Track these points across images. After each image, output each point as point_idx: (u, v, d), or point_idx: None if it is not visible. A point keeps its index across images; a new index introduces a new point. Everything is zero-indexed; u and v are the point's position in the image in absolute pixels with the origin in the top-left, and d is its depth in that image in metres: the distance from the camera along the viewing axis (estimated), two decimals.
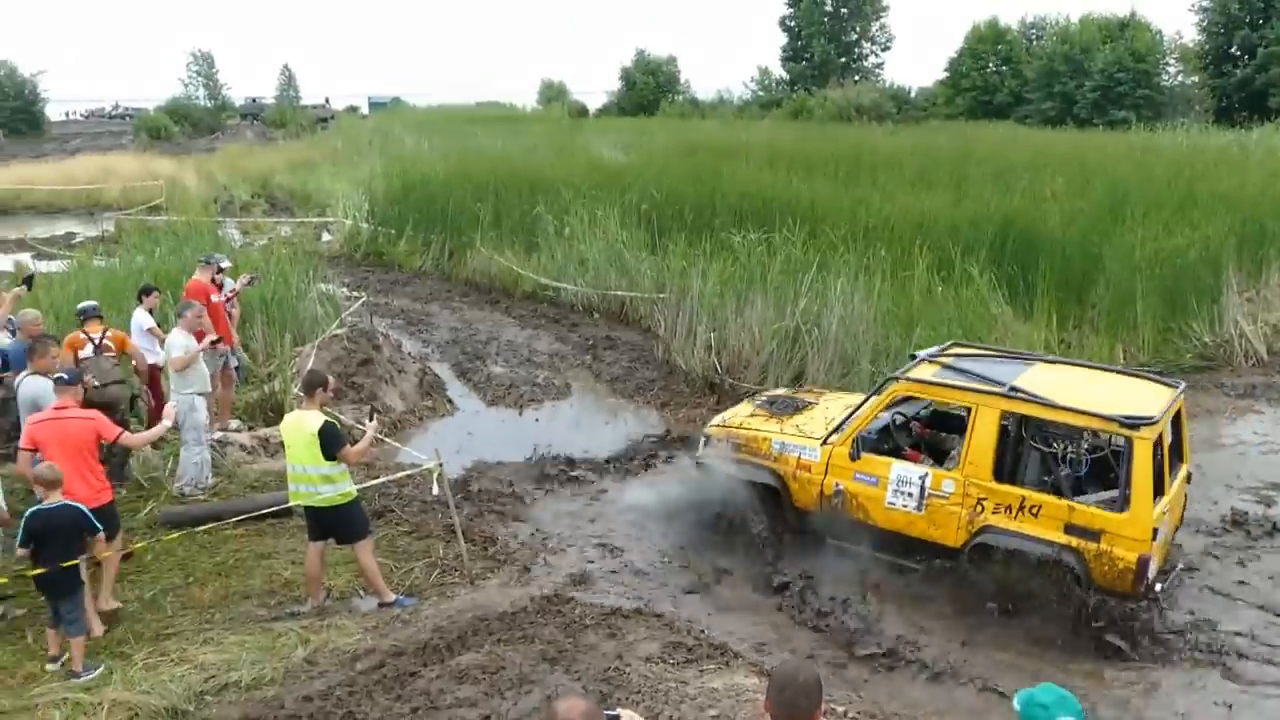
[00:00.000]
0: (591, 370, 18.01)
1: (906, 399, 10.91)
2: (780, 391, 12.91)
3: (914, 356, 11.25)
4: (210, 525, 10.89)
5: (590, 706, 4.20)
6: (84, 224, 37.48)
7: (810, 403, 12.06)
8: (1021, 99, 67.33)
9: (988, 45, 71.13)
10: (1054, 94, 64.10)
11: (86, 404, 9.74)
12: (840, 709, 8.08)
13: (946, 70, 73.18)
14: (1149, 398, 9.95)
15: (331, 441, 9.26)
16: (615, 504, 12.49)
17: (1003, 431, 9.93)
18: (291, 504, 9.74)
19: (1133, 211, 21.48)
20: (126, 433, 9.51)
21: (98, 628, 9.13)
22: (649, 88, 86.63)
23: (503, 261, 24.80)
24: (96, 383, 11.46)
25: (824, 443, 10.75)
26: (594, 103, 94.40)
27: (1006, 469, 9.91)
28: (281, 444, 11.12)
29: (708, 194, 24.46)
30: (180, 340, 12.03)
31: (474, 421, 15.62)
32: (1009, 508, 9.72)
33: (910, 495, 10.22)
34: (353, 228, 30.64)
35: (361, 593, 9.91)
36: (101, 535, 8.79)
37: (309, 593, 9.75)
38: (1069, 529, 9.47)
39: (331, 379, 9.68)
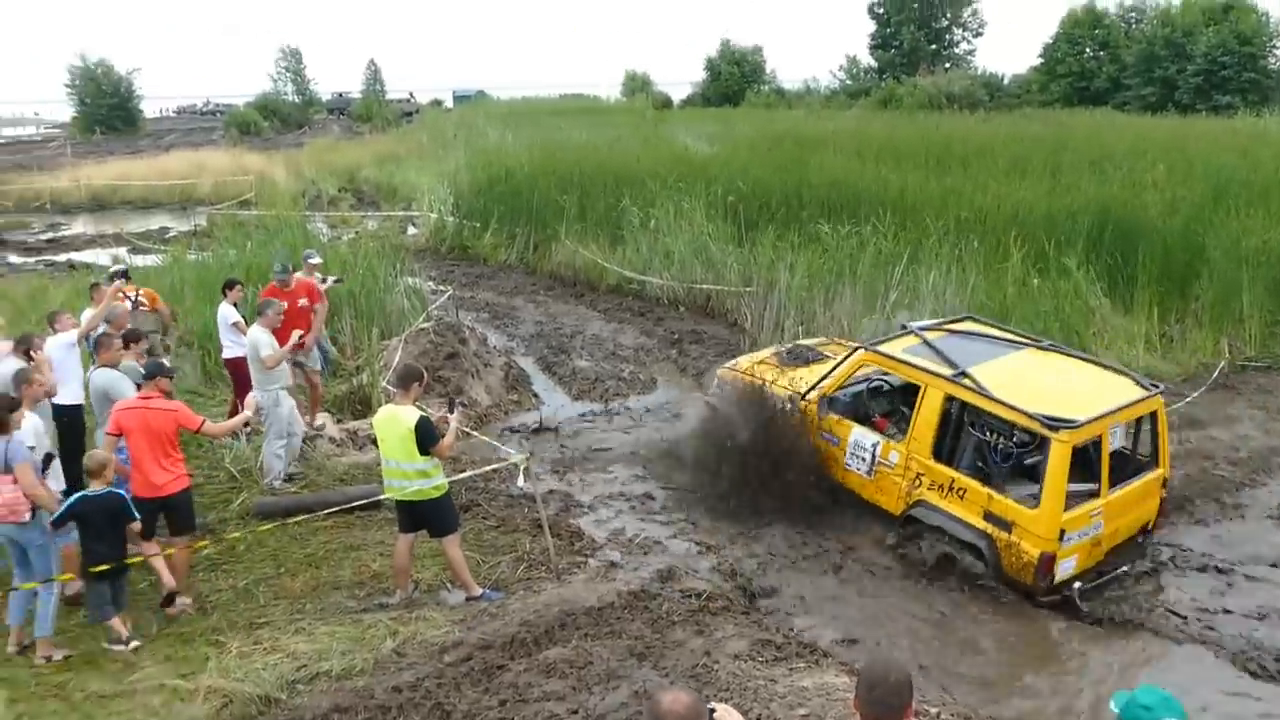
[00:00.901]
0: (677, 365, 17.99)
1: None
2: (807, 342, 13.50)
3: (904, 327, 11.85)
4: (301, 517, 11.10)
5: (693, 700, 4.24)
6: (177, 218, 38.54)
7: (826, 357, 12.75)
8: (1120, 85, 65.60)
9: (1084, 30, 69.40)
10: (1154, 79, 62.34)
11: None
12: (932, 710, 7.97)
13: (1041, 56, 71.56)
14: (1101, 400, 10.28)
15: (427, 436, 9.35)
16: (701, 498, 12.46)
17: (946, 414, 10.64)
18: (385, 497, 9.88)
19: (1238, 200, 20.83)
20: (208, 421, 9.86)
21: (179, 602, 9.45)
22: (734, 78, 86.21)
23: (588, 254, 24.90)
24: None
25: (802, 398, 11.76)
26: (678, 94, 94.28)
27: (945, 450, 10.64)
28: (372, 438, 11.29)
29: (795, 185, 24.31)
30: (264, 338, 12.28)
31: (559, 416, 15.70)
32: (942, 486, 10.57)
33: (863, 460, 11.31)
34: (438, 221, 31.01)
35: (449, 586, 10.02)
36: (137, 524, 9.08)
37: (397, 585, 9.89)
38: (987, 516, 10.24)
39: (424, 373, 9.79)
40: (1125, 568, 10.65)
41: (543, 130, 49.94)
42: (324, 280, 15.90)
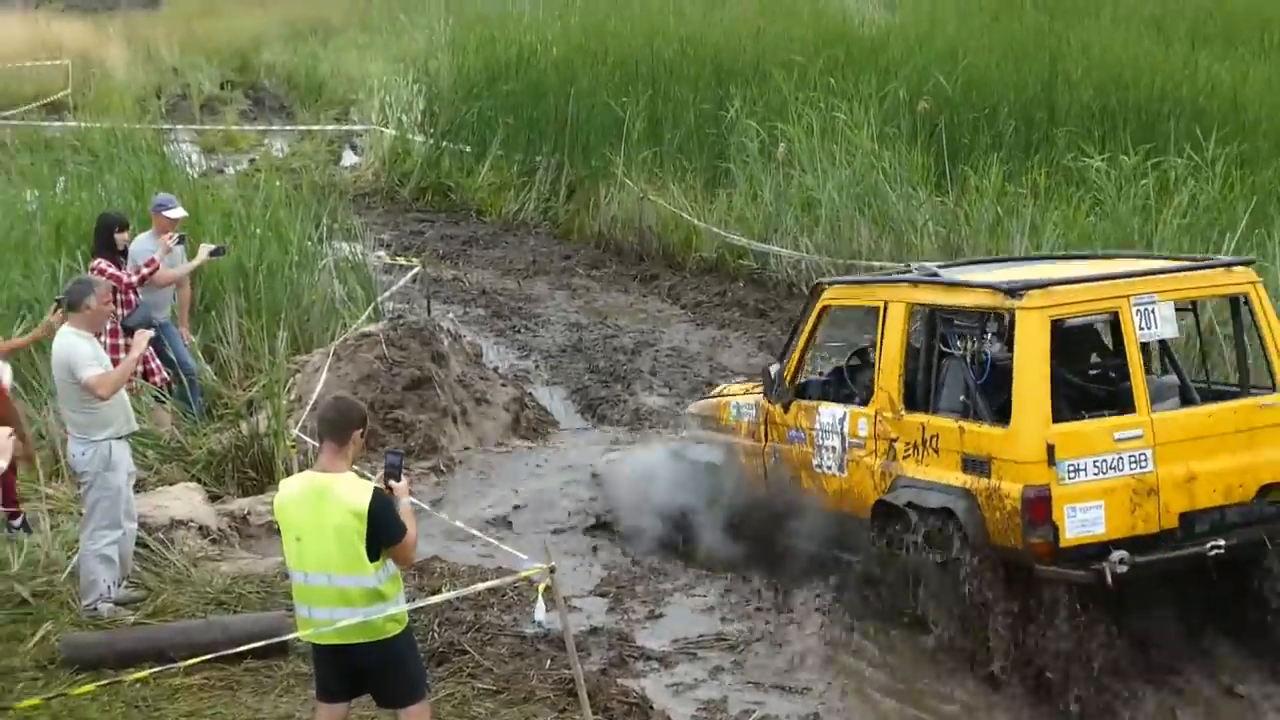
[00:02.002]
0: None
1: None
2: None
3: (908, 269, 13.84)
4: (149, 670, 11.11)
5: None
6: None
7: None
8: None
9: None
10: None
11: None
12: None
13: None
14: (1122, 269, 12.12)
15: (387, 527, 9.31)
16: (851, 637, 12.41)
17: (912, 337, 12.22)
18: (301, 636, 9.85)
19: None
20: None
21: None
22: None
23: (664, 205, 24.94)
24: None
25: (766, 395, 13.64)
26: None
27: (918, 391, 12.06)
28: (275, 530, 11.25)
29: (1041, 82, 24.27)
30: (84, 348, 12.32)
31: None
32: (916, 446, 11.84)
33: (833, 450, 12.72)
34: (397, 142, 31.34)
35: None
36: None
37: None
38: (965, 463, 11.40)
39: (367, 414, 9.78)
40: (1219, 546, 11.03)
41: None
42: (181, 243, 16.12)
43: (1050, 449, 10.85)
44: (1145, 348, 11.61)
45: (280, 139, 35.62)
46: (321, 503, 9.35)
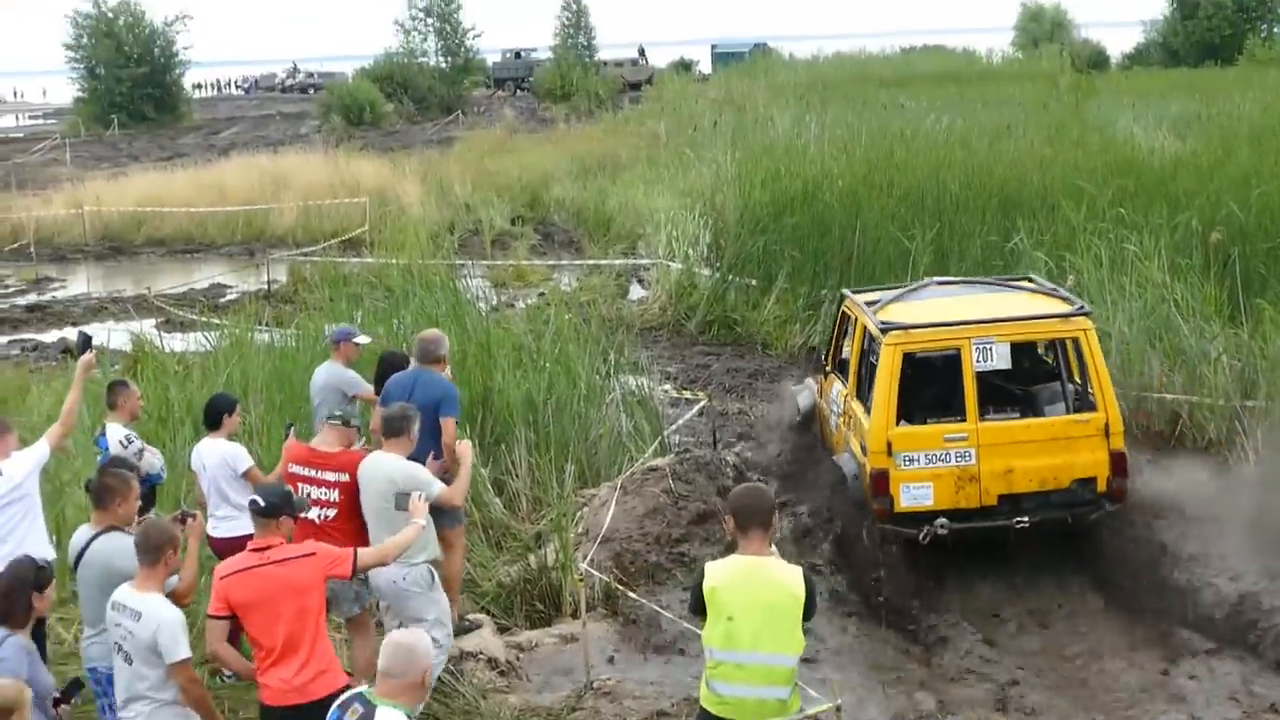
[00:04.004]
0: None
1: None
2: None
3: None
4: None
5: None
6: (239, 270, 40.92)
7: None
8: None
9: None
10: None
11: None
12: None
13: None
14: (976, 313, 16.51)
15: (813, 606, 9.87)
16: None
17: (863, 347, 17.08)
18: (711, 710, 9.94)
19: None
20: (364, 550, 11.03)
21: None
22: (1224, 16, 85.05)
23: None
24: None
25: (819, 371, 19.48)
26: (1118, 44, 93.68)
27: (862, 385, 16.91)
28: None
29: None
30: (423, 469, 12.79)
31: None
32: (853, 422, 16.89)
33: (837, 414, 17.86)
34: (683, 276, 31.61)
35: None
36: None
37: None
38: (860, 445, 16.36)
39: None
40: (1024, 520, 15.69)
41: (872, 112, 50.53)
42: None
43: (889, 444, 15.71)
44: (1002, 373, 16.51)
45: (569, 273, 36.20)
46: (758, 584, 9.69)
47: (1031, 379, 17.21)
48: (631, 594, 15.21)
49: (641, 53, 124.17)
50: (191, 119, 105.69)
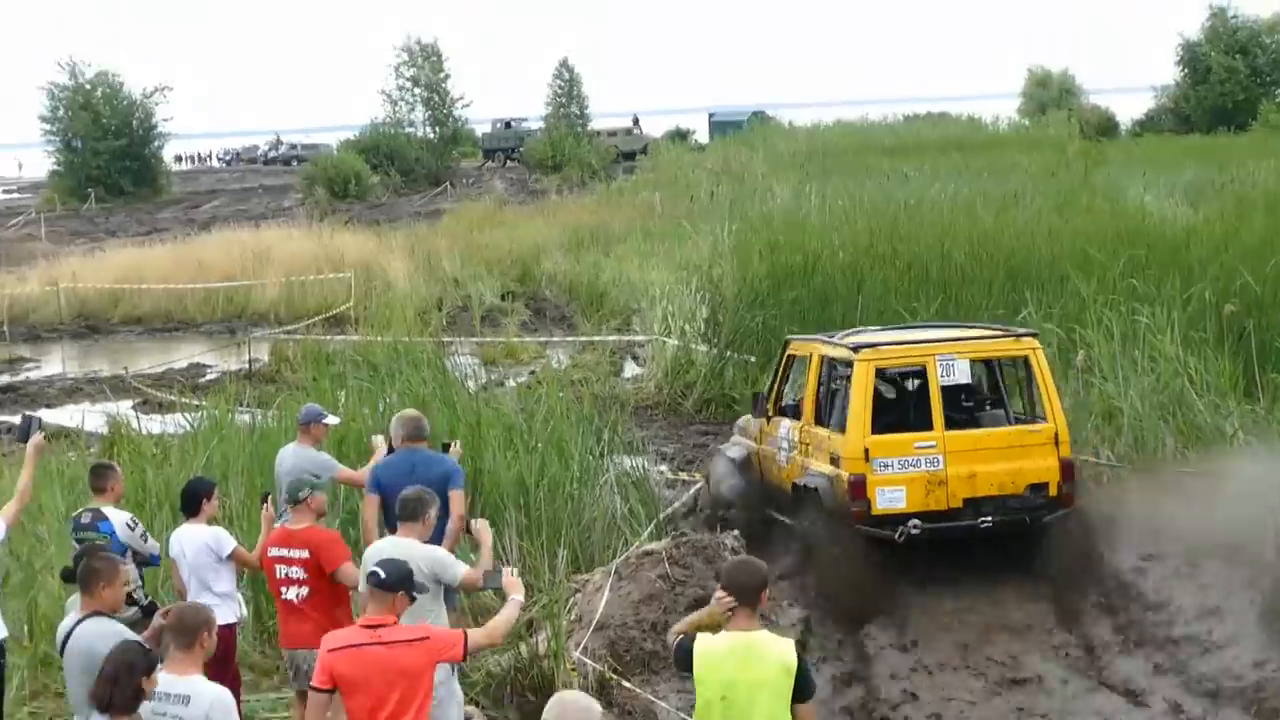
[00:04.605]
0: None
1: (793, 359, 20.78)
2: None
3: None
4: None
5: None
6: (220, 349, 40.94)
7: None
8: None
9: None
10: None
11: None
12: None
13: None
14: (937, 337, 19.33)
15: (808, 680, 9.83)
16: None
17: (819, 376, 19.22)
18: None
19: None
20: (475, 631, 11.12)
21: None
22: (1235, 82, 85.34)
23: None
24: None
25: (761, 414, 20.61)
26: (1128, 109, 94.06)
27: (823, 412, 19.06)
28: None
29: None
30: (444, 553, 12.78)
31: None
32: (815, 447, 18.84)
33: (785, 450, 19.68)
34: (680, 352, 31.59)
35: None
36: None
37: None
38: (831, 458, 18.33)
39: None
40: (988, 520, 17.80)
41: (873, 182, 50.76)
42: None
43: (866, 450, 17.77)
44: (970, 389, 19.14)
45: (561, 350, 36.25)
46: (752, 659, 9.71)
47: (976, 401, 19.49)
48: (626, 683, 15.17)
49: (636, 122, 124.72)
50: (171, 192, 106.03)
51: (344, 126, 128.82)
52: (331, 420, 17.23)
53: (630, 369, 34.34)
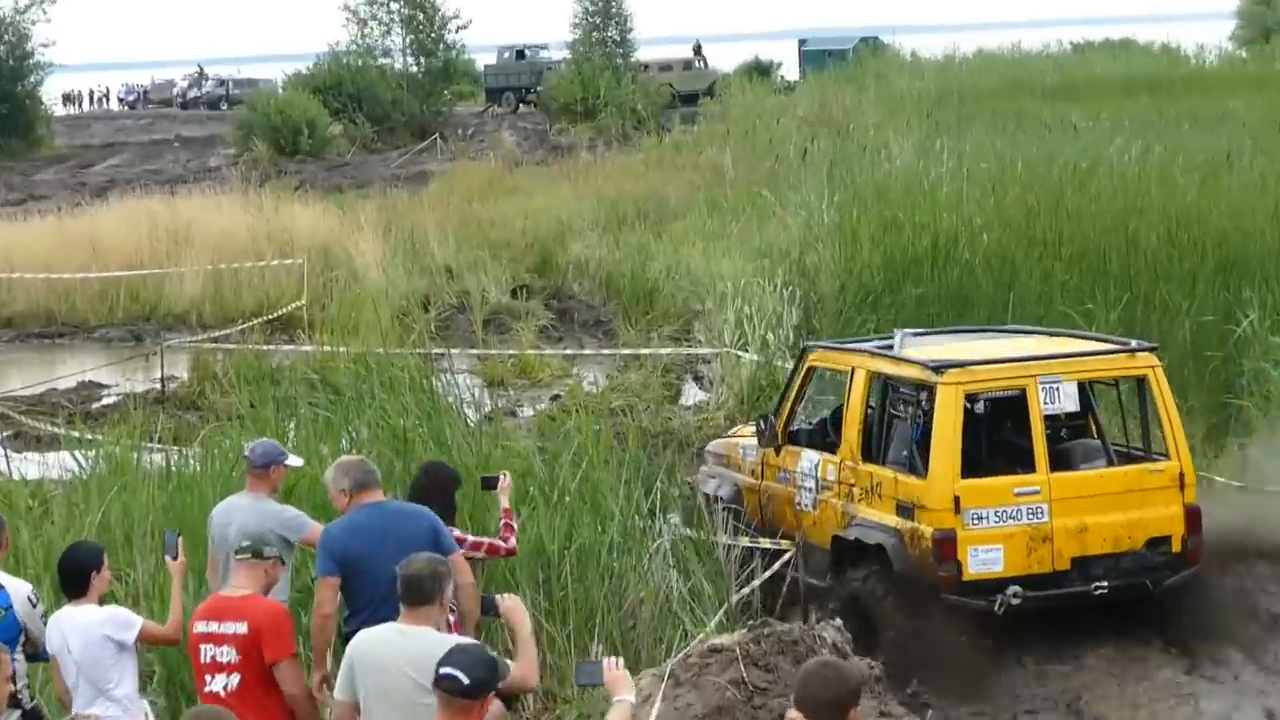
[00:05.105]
0: None
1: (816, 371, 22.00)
2: None
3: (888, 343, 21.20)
4: None
5: None
6: (121, 362, 40.95)
7: None
8: None
9: None
10: None
11: None
12: None
13: None
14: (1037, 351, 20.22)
15: None
16: None
17: (869, 399, 20.11)
18: None
19: None
20: None
21: None
22: None
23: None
24: None
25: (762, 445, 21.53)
26: None
27: (874, 445, 19.92)
28: None
29: None
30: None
31: None
32: (868, 491, 19.59)
33: (809, 490, 20.59)
34: (759, 371, 31.62)
35: None
36: None
37: None
38: (898, 508, 19.05)
39: None
40: (1103, 587, 18.66)
41: (1028, 136, 50.69)
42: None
43: (957, 499, 18.40)
44: (1075, 416, 20.03)
45: (595, 367, 36.26)
46: None
47: (1070, 432, 20.42)
48: None
49: (698, 51, 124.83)
50: (53, 146, 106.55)
51: (291, 56, 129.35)
52: (294, 462, 17.06)
53: (691, 393, 34.40)
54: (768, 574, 21.54)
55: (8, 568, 18.24)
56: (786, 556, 21.46)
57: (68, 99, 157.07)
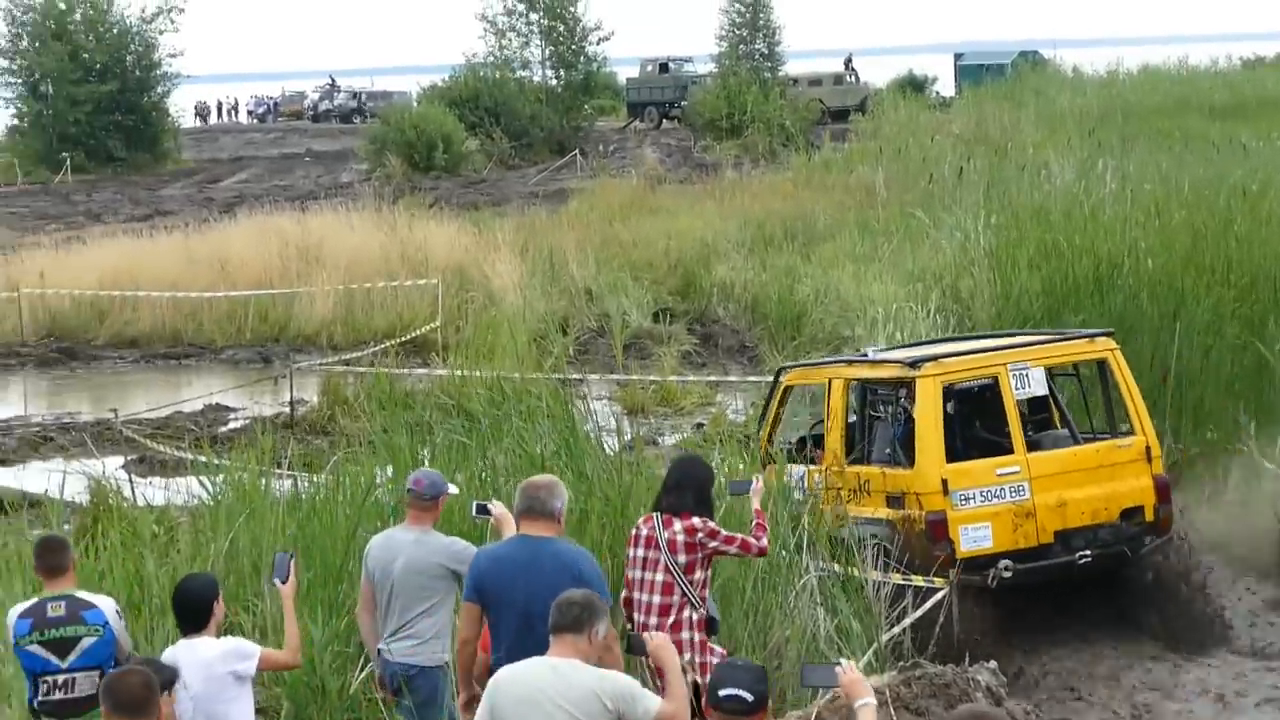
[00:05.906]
0: None
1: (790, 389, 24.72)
2: None
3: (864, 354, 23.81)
4: None
5: None
6: (249, 385, 41.34)
7: None
8: None
9: None
10: None
11: None
12: None
13: None
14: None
15: None
16: None
17: (848, 406, 22.59)
18: None
19: None
20: None
21: None
22: None
23: None
24: None
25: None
26: None
27: (857, 449, 22.21)
28: None
29: None
30: (625, 685, 12.82)
31: None
32: (855, 492, 21.68)
33: (796, 501, 21.83)
34: None
35: None
36: None
37: None
38: (888, 500, 21.35)
39: None
40: (1086, 556, 21.03)
41: (1196, 156, 50.39)
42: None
43: (945, 482, 20.79)
44: (1039, 408, 22.60)
45: (740, 394, 36.20)
46: None
47: (1040, 417, 22.94)
48: None
49: (848, 65, 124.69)
50: (180, 160, 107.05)
51: (427, 67, 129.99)
52: (454, 490, 17.02)
53: None
54: (918, 613, 21.50)
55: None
56: (940, 595, 21.42)
57: (200, 112, 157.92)
